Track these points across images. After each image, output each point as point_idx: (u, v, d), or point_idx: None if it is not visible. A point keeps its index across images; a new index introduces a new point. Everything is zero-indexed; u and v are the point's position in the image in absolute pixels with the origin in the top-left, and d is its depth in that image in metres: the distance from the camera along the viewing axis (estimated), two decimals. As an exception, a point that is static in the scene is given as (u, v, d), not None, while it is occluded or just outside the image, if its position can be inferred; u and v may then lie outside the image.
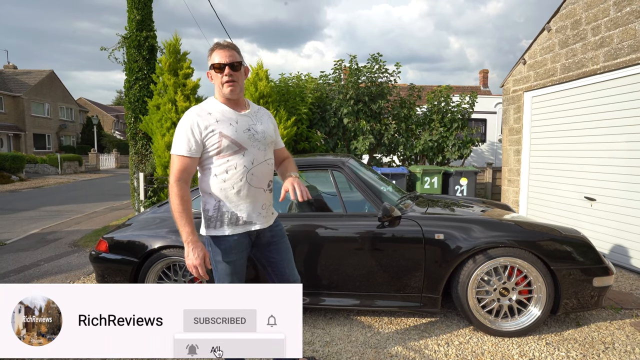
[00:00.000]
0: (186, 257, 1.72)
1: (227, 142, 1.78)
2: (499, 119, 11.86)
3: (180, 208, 1.72)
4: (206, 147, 1.79)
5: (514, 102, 6.02)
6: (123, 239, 2.97)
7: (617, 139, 4.23)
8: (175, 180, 1.75)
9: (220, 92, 1.84)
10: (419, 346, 2.56)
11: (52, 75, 29.67)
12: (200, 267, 1.70)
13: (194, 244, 1.71)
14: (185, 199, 1.75)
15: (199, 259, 1.70)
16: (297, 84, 7.81)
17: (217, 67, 1.80)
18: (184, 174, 1.76)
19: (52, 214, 8.44)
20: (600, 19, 4.42)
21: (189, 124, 1.77)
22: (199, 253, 1.70)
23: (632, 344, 2.55)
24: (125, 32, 6.86)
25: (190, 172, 1.79)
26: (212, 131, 1.77)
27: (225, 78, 1.79)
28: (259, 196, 1.89)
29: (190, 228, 1.72)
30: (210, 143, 1.78)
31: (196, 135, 1.76)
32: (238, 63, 1.82)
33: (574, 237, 2.66)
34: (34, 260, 4.81)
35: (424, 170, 7.14)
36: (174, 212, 1.73)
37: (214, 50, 1.82)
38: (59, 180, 17.42)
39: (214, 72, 1.82)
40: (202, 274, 1.71)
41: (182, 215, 1.72)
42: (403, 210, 2.85)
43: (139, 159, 6.93)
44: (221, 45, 1.82)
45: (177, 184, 1.75)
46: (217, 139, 1.77)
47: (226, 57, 1.79)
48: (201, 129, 1.76)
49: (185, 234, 1.71)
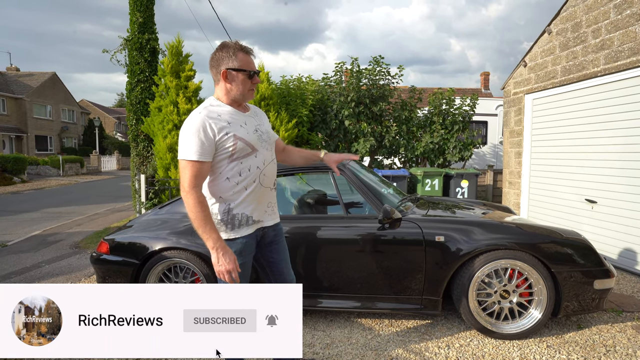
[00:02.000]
0: (215, 264, 1.67)
1: (242, 145, 1.75)
2: (500, 122, 11.86)
3: (202, 215, 1.66)
4: (219, 151, 1.73)
5: (515, 104, 6.02)
6: (124, 241, 2.98)
7: (617, 141, 4.23)
8: (192, 187, 1.66)
9: (230, 95, 1.80)
10: (419, 348, 2.55)
11: (54, 77, 29.81)
12: (233, 272, 1.67)
13: (223, 249, 1.67)
14: (205, 204, 1.70)
15: (232, 263, 1.67)
16: (298, 86, 7.83)
17: (250, 74, 1.78)
18: (198, 180, 1.68)
19: (54, 216, 8.46)
20: (601, 21, 4.42)
21: (201, 126, 1.68)
22: (230, 257, 1.67)
23: (633, 347, 2.53)
24: (128, 34, 6.90)
25: (204, 176, 1.73)
26: (227, 134, 1.72)
27: (253, 86, 1.82)
28: (267, 195, 1.91)
29: (217, 234, 1.68)
30: (225, 146, 1.72)
31: (210, 138, 1.69)
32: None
33: (574, 239, 2.65)
34: (35, 262, 4.82)
35: (425, 172, 7.14)
36: (196, 219, 1.66)
37: (240, 52, 1.77)
38: (60, 182, 17.46)
39: (242, 77, 1.77)
40: (235, 278, 1.68)
41: (205, 222, 1.66)
42: (404, 212, 2.85)
43: (141, 161, 6.95)
44: (248, 51, 1.80)
45: (194, 191, 1.67)
46: (232, 141, 1.73)
47: (254, 64, 1.81)
48: (215, 132, 1.70)
49: (212, 241, 1.66)
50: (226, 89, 1.80)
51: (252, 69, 1.79)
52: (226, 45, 1.79)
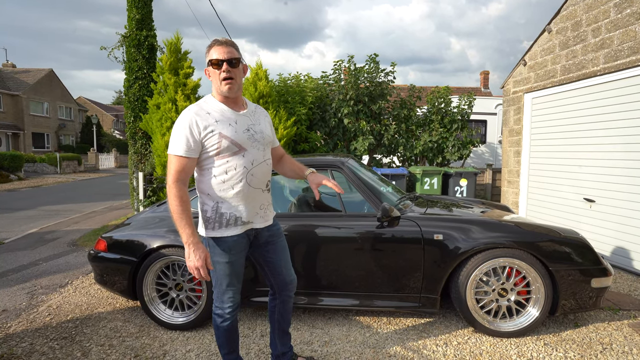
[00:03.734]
0: (187, 259, 1.70)
1: (227, 143, 1.76)
2: (499, 120, 11.87)
3: (179, 209, 1.70)
4: (205, 148, 1.76)
5: (514, 103, 6.03)
6: (122, 238, 2.97)
7: (616, 140, 4.24)
8: (174, 181, 1.72)
9: (219, 90, 1.81)
10: (417, 346, 2.55)
11: (51, 74, 29.64)
12: (202, 269, 1.69)
13: (195, 245, 1.69)
14: (185, 199, 1.72)
15: (201, 260, 1.69)
16: (296, 84, 7.81)
17: (215, 63, 1.76)
18: (182, 175, 1.73)
19: (51, 214, 8.43)
20: (601, 20, 4.42)
21: (188, 123, 1.73)
22: (201, 254, 1.69)
23: (629, 344, 2.55)
24: (125, 31, 6.86)
25: (188, 172, 1.76)
26: (212, 131, 1.74)
27: (223, 75, 1.76)
28: (257, 197, 1.89)
29: (190, 229, 1.70)
30: (210, 143, 1.75)
31: (195, 135, 1.73)
32: (236, 60, 1.79)
33: (572, 238, 2.66)
34: (32, 260, 4.80)
35: (424, 171, 7.15)
36: (173, 213, 1.71)
37: (212, 47, 1.79)
38: (57, 180, 17.40)
39: (212, 69, 1.79)
40: (203, 275, 1.70)
41: (181, 216, 1.70)
42: (402, 210, 2.85)
43: (139, 159, 6.92)
44: (219, 42, 1.80)
45: (175, 185, 1.72)
46: (216, 139, 1.74)
47: (224, 53, 1.76)
48: (200, 129, 1.73)
49: (185, 236, 1.69)
50: (213, 86, 1.84)
51: (219, 57, 1.75)
52: (208, 45, 1.82)
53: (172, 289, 2.87)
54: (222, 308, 1.90)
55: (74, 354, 2.52)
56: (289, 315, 2.16)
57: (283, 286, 2.08)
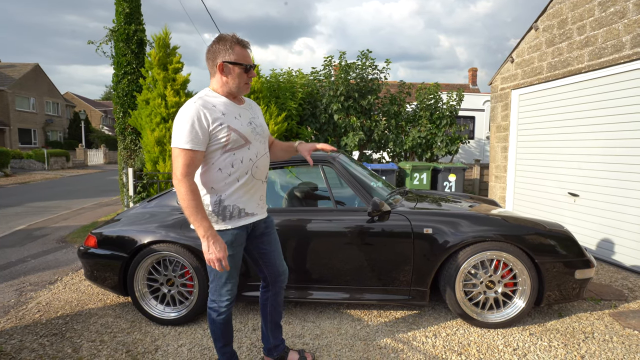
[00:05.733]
0: (206, 252, 1.69)
1: (236, 136, 1.77)
2: (487, 117, 12.01)
3: (194, 203, 1.67)
4: (213, 141, 1.75)
5: (502, 99, 6.11)
6: (112, 234, 2.96)
7: (599, 136, 4.34)
8: (184, 175, 1.68)
9: (226, 87, 1.81)
10: (407, 338, 2.61)
11: (37, 68, 29.03)
12: (224, 260, 1.69)
13: (214, 237, 1.69)
14: (197, 193, 1.71)
15: (222, 251, 1.69)
16: (288, 80, 7.80)
17: (247, 67, 1.79)
18: (191, 168, 1.70)
19: (39, 210, 8.30)
20: (586, 18, 4.51)
21: (196, 115, 1.69)
22: (221, 246, 1.70)
23: (610, 333, 2.64)
24: (114, 25, 6.76)
25: (197, 165, 1.73)
26: (221, 124, 1.74)
27: (249, 80, 1.83)
28: (259, 188, 1.93)
29: (208, 222, 1.69)
30: (218, 136, 1.74)
31: (204, 128, 1.70)
32: None
33: (557, 231, 2.73)
34: (21, 257, 4.74)
35: (414, 166, 7.22)
36: (188, 208, 1.67)
37: (237, 45, 1.77)
38: (45, 176, 17.11)
39: (238, 70, 1.78)
40: (225, 266, 1.71)
41: (197, 210, 1.68)
42: (392, 205, 2.89)
43: (128, 154, 6.86)
44: (244, 44, 1.80)
45: (186, 179, 1.68)
46: (226, 132, 1.74)
47: (250, 57, 1.82)
48: (209, 122, 1.71)
49: (203, 229, 1.68)
50: (222, 81, 1.81)
51: (249, 62, 1.80)
52: (223, 38, 1.78)
53: (163, 285, 2.87)
54: (218, 302, 1.92)
55: (64, 350, 2.52)
56: (280, 307, 2.19)
57: (276, 277, 2.12)
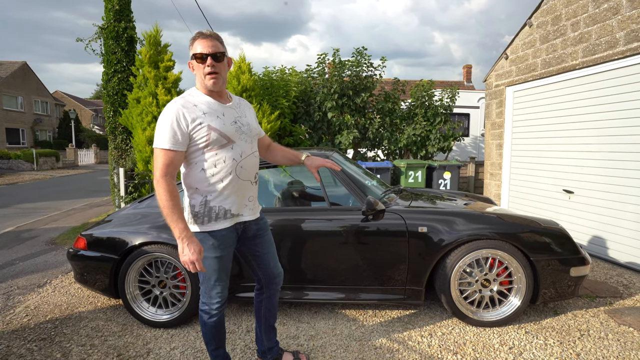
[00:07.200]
0: (181, 254, 1.67)
1: (216, 135, 1.73)
2: (481, 114, 12.05)
3: (170, 204, 1.66)
4: (193, 141, 1.73)
5: (496, 96, 6.11)
6: (102, 236, 2.89)
7: (594, 133, 4.35)
8: (162, 175, 1.68)
9: (203, 84, 1.78)
10: (402, 338, 2.58)
11: (25, 67, 28.56)
12: (197, 262, 1.66)
13: (188, 239, 1.67)
14: (175, 193, 1.69)
15: (196, 253, 1.66)
16: (281, 78, 7.74)
17: (199, 57, 1.73)
18: (170, 169, 1.69)
19: (28, 211, 8.16)
20: (580, 15, 4.51)
21: (175, 115, 1.69)
22: (195, 248, 1.67)
23: (605, 330, 2.64)
24: (103, 22, 6.64)
25: (176, 166, 1.72)
26: (200, 124, 1.71)
27: (208, 69, 1.73)
28: (246, 189, 1.88)
29: (183, 224, 1.68)
30: (198, 136, 1.72)
31: (182, 128, 1.69)
32: (221, 54, 1.76)
33: (552, 228, 2.72)
34: (8, 259, 4.64)
35: (408, 164, 7.21)
36: (164, 208, 1.67)
37: (196, 40, 1.75)
38: (34, 177, 16.86)
39: (196, 63, 1.75)
40: (199, 268, 1.68)
41: (172, 211, 1.66)
42: (387, 203, 2.86)
43: (119, 154, 6.76)
44: (204, 35, 1.75)
45: (164, 179, 1.68)
46: (205, 132, 1.72)
47: (209, 47, 1.73)
48: (188, 122, 1.70)
49: (178, 230, 1.66)
50: (197, 79, 1.81)
51: (203, 52, 1.72)
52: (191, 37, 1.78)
53: (155, 287, 2.81)
54: (209, 304, 1.89)
55: (53, 355, 2.45)
56: (275, 309, 2.16)
57: (271, 279, 2.08)
